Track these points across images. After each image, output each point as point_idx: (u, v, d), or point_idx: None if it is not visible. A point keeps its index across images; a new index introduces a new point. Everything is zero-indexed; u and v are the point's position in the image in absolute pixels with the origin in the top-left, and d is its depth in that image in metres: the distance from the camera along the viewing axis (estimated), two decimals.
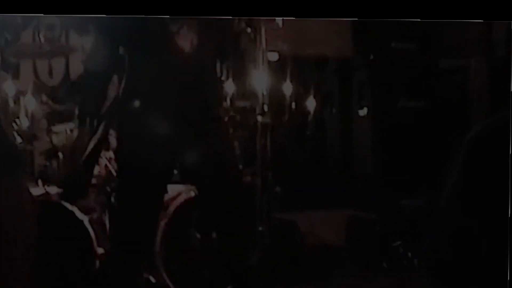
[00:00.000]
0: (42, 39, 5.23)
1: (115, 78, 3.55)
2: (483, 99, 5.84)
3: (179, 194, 4.31)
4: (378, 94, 5.63)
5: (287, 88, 5.15)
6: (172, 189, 4.13)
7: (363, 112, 5.65)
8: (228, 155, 3.53)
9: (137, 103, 3.19)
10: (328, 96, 6.23)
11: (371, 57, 5.57)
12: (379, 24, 5.44)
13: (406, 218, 5.33)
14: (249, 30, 4.31)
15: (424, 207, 5.36)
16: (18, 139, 4.54)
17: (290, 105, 5.30)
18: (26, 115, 4.64)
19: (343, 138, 6.11)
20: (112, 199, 4.18)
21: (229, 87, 4.90)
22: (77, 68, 5.28)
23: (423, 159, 5.47)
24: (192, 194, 4.21)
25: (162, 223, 4.14)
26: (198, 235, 4.19)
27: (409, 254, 4.98)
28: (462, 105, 5.82)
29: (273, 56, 5.10)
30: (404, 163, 5.44)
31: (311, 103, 5.66)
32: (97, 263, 4.20)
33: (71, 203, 4.21)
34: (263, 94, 4.29)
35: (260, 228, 4.26)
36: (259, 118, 4.21)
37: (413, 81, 5.63)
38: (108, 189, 4.27)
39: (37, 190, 4.36)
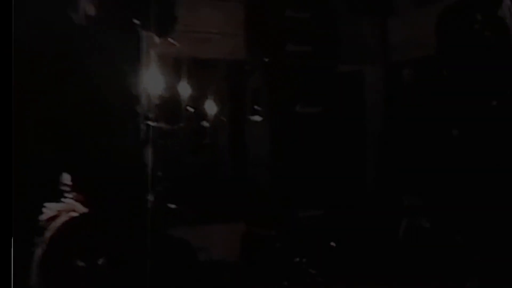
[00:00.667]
0: None
1: None
2: (378, 105, 5.99)
3: (59, 214, 3.84)
4: (274, 99, 5.45)
5: (180, 91, 4.85)
6: (50, 208, 3.69)
7: (257, 118, 5.40)
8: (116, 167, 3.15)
9: None
10: (221, 101, 5.92)
11: (266, 60, 5.33)
12: (274, 25, 5.37)
13: (306, 231, 5.20)
14: None
15: (323, 218, 5.31)
16: None
17: (182, 110, 5.00)
18: None
19: (237, 146, 5.77)
20: None
21: None
22: None
23: (322, 167, 5.32)
24: (75, 213, 3.75)
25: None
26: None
27: (312, 271, 4.78)
28: (359, 110, 5.89)
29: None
30: (302, 172, 5.24)
31: (204, 108, 5.36)
32: None
33: None
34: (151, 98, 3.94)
35: (151, 248, 3.89)
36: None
37: (310, 86, 5.47)
38: None
39: None
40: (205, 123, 5.40)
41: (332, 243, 5.04)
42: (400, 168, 5.61)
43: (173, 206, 4.19)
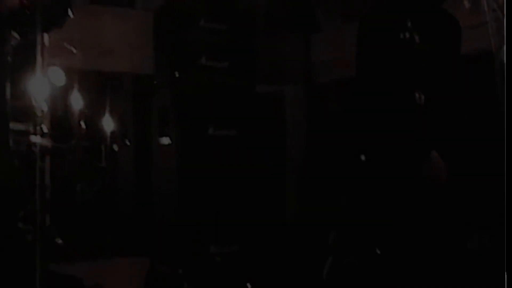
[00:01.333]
0: None
1: None
2: (299, 127, 5.60)
3: None
4: (184, 120, 4.95)
5: (75, 106, 4.29)
6: None
7: (166, 140, 4.88)
8: None
9: None
10: (125, 119, 5.40)
11: (176, 74, 4.79)
12: (186, 36, 4.91)
13: (219, 269, 4.68)
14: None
15: (238, 254, 4.87)
16: None
17: (77, 127, 4.41)
18: None
19: (140, 171, 5.27)
20: None
21: None
22: None
23: (237, 197, 4.81)
24: None
25: None
26: None
27: None
28: (278, 134, 5.50)
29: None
30: (215, 202, 4.71)
31: (103, 127, 4.86)
32: None
33: None
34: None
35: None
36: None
37: (225, 106, 5.02)
38: None
39: None
40: (103, 144, 4.91)
41: (249, 285, 4.61)
42: (322, 199, 5.35)
43: (60, 240, 3.62)
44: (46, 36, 3.64)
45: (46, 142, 3.12)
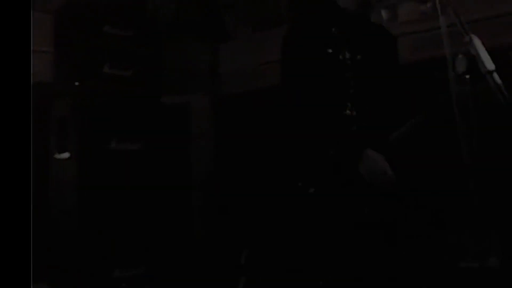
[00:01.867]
0: None
1: None
2: (206, 138, 5.43)
3: None
4: (84, 132, 4.59)
5: None
6: None
7: (65, 155, 4.52)
8: None
9: None
10: None
11: (76, 83, 4.45)
12: (88, 42, 4.58)
13: None
14: None
15: (145, 277, 4.56)
16: None
17: None
18: None
19: (37, 188, 4.87)
20: None
21: None
22: None
23: (142, 215, 4.54)
24: None
25: None
26: None
27: None
28: (184, 148, 5.28)
29: None
30: (118, 222, 4.38)
31: None
32: None
33: None
34: None
35: None
36: None
37: (129, 118, 4.72)
38: None
39: None
40: None
41: None
42: (232, 214, 5.19)
43: None
44: None
45: None
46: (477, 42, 2.13)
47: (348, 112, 2.85)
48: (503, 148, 3.63)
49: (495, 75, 2.03)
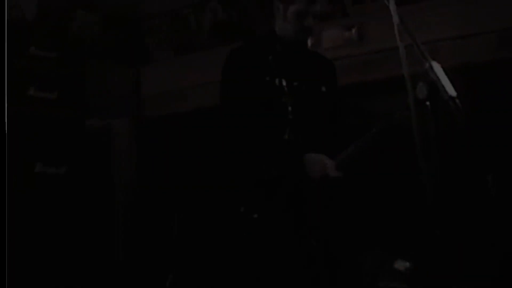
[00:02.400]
0: None
1: None
2: (126, 161, 5.43)
3: None
4: (8, 155, 4.48)
5: None
6: None
7: None
8: None
9: None
10: None
11: None
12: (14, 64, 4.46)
13: None
14: None
15: None
16: None
17: None
18: None
19: None
20: None
21: None
22: None
23: (66, 240, 4.49)
24: None
25: None
26: None
27: None
28: (107, 173, 5.23)
29: None
30: (44, 248, 4.35)
31: None
32: None
33: None
34: None
35: None
36: None
37: (54, 141, 4.62)
38: None
39: None
40: None
41: None
42: (155, 237, 5.19)
43: None
44: None
45: None
46: (437, 68, 2.27)
47: (287, 136, 2.93)
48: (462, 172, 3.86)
49: (457, 101, 2.19)
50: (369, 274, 4.07)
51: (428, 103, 2.28)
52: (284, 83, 2.95)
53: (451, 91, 2.21)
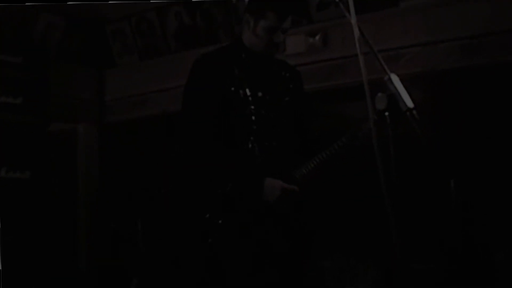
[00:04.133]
0: None
1: None
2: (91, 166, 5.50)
3: None
4: None
5: None
6: None
7: None
8: None
9: None
10: None
11: None
12: None
13: None
14: None
15: None
16: None
17: None
18: None
19: None
20: None
21: None
22: None
23: (32, 245, 4.55)
24: None
25: None
26: None
27: None
28: (71, 178, 5.33)
29: None
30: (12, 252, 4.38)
31: None
32: None
33: None
34: None
35: None
36: None
37: (18, 146, 4.61)
38: None
39: None
40: None
41: None
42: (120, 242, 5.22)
43: None
44: None
45: None
46: (396, 81, 2.35)
47: (250, 145, 2.96)
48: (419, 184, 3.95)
49: (414, 113, 2.27)
50: (332, 279, 4.18)
51: (387, 113, 2.40)
52: (248, 93, 2.98)
53: (409, 103, 2.32)
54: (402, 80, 2.38)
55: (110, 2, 4.94)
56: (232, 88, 2.98)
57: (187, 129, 3.00)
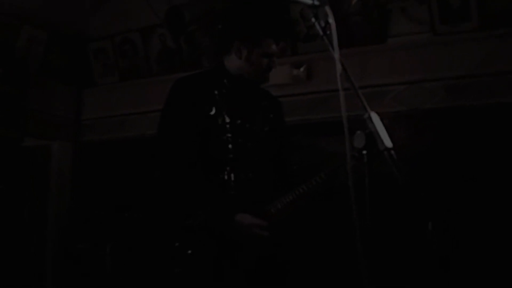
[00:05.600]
0: None
1: None
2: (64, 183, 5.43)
3: None
4: None
5: None
6: None
7: None
8: None
9: None
10: None
11: None
12: None
13: None
14: None
15: None
16: None
17: None
18: None
19: None
20: None
21: None
22: None
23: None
24: None
25: None
26: None
27: None
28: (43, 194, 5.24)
29: None
30: None
31: None
32: None
33: None
34: None
35: None
36: None
37: None
38: None
39: None
40: None
41: None
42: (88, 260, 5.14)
43: None
44: None
45: None
46: (376, 120, 2.32)
47: (226, 176, 2.89)
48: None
49: (392, 153, 2.24)
50: None
51: (364, 152, 2.37)
52: (227, 120, 2.91)
53: (387, 142, 2.29)
54: (386, 118, 2.37)
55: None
56: (211, 113, 2.96)
57: (162, 153, 2.90)
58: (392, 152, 2.19)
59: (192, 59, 5.07)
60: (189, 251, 2.80)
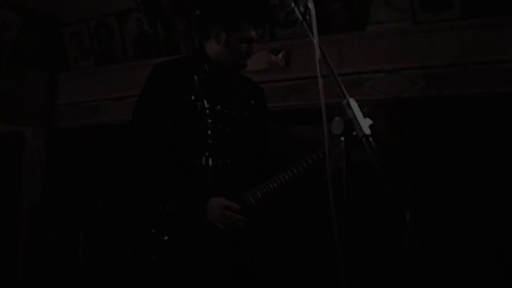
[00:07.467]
0: None
1: None
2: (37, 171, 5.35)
3: None
4: None
5: None
6: None
7: None
8: None
9: None
10: None
11: None
12: None
13: None
14: None
15: None
16: None
17: None
18: None
19: None
20: None
21: None
22: None
23: None
24: None
25: None
26: None
27: None
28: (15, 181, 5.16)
29: None
30: None
31: None
32: None
33: None
34: None
35: None
36: None
37: None
38: None
39: None
40: None
41: None
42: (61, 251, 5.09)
43: None
44: None
45: None
46: (355, 106, 2.31)
47: (203, 162, 2.89)
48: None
49: (370, 139, 2.23)
50: None
51: (342, 138, 2.36)
52: (206, 105, 2.91)
53: (366, 129, 2.29)
54: (366, 106, 2.36)
55: None
56: (191, 98, 2.96)
57: (134, 139, 2.91)
58: (371, 139, 2.21)
59: (169, 44, 5.01)
60: (165, 238, 2.84)
